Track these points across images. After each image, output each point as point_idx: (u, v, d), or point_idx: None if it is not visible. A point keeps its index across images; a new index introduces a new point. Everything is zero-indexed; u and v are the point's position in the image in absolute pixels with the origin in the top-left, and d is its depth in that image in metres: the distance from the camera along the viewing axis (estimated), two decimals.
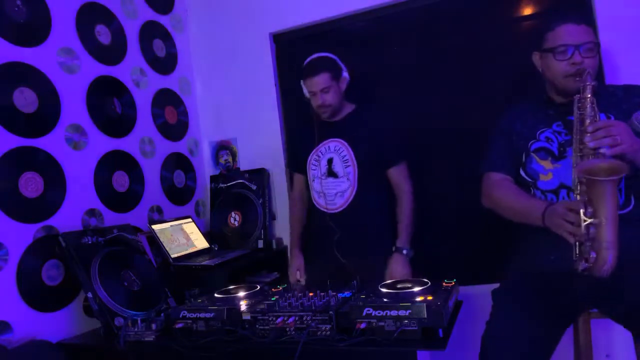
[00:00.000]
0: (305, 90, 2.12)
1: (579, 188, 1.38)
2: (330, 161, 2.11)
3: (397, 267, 1.98)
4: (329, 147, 2.13)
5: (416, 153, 2.35)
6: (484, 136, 1.74)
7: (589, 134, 1.36)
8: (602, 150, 1.34)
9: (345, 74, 2.11)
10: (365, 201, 2.06)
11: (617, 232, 1.29)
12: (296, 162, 2.30)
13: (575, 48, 1.50)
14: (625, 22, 2.02)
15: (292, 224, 2.31)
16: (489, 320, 1.51)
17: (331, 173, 2.10)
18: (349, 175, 2.07)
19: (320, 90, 2.03)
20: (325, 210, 2.11)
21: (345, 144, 2.09)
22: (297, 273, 2.20)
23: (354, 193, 2.06)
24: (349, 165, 2.07)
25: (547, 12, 2.15)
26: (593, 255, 1.30)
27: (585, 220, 1.30)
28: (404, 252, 2.00)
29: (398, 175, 2.08)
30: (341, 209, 2.07)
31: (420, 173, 2.35)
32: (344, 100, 2.15)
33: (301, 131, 2.29)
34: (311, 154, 2.17)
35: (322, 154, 2.13)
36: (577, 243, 1.36)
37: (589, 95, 1.41)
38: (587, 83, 1.42)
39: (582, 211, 1.31)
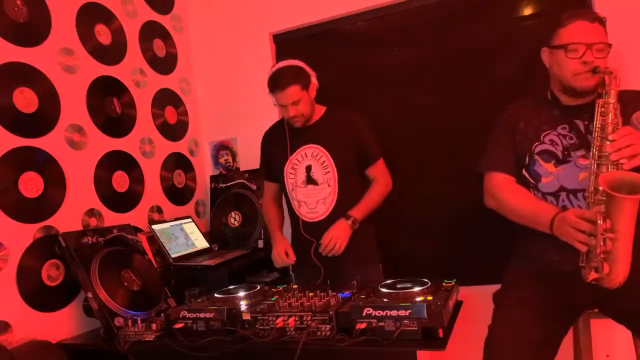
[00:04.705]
0: (274, 99, 2.03)
1: (592, 197, 1.34)
2: (308, 168, 2.05)
3: (336, 228, 1.94)
4: (305, 153, 2.06)
5: (416, 153, 2.36)
6: (484, 136, 1.73)
7: (611, 144, 1.32)
8: (622, 161, 1.31)
9: (314, 80, 2.04)
10: (348, 207, 1.99)
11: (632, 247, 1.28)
12: (267, 170, 2.22)
13: (588, 47, 1.45)
14: (625, 22, 2.01)
15: (270, 221, 2.20)
16: (491, 324, 1.51)
17: (311, 180, 2.05)
18: (330, 182, 2.02)
19: (291, 103, 1.96)
20: (306, 219, 2.05)
21: (322, 149, 2.03)
22: (284, 254, 2.05)
23: (335, 199, 2.01)
24: (328, 171, 2.02)
25: (547, 13, 2.14)
26: (606, 267, 1.28)
27: (602, 233, 1.27)
28: (349, 220, 1.95)
29: (377, 172, 2.08)
30: (323, 217, 2.02)
31: (420, 173, 2.36)
32: (315, 105, 2.08)
33: (271, 138, 2.21)
34: (287, 163, 2.09)
35: (299, 162, 2.07)
36: (586, 252, 1.34)
37: (613, 101, 1.36)
38: (612, 88, 1.37)
39: (599, 222, 1.27)
